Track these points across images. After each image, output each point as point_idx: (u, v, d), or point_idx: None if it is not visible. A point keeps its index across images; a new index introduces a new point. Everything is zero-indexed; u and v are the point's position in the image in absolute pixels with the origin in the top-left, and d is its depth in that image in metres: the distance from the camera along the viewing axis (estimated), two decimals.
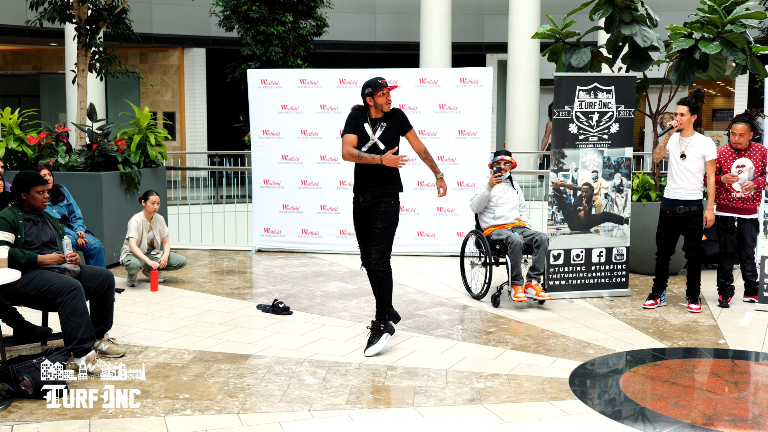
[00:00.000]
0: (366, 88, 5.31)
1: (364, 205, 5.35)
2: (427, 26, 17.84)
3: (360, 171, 5.36)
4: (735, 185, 6.52)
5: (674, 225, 6.46)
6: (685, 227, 6.43)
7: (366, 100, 5.31)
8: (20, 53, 21.00)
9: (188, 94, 20.64)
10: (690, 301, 6.53)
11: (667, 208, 6.47)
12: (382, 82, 5.27)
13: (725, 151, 6.63)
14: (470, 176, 8.74)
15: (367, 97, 5.30)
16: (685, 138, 6.36)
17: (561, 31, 7.58)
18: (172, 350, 5.33)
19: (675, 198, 6.41)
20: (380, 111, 5.32)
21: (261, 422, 4.10)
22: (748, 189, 6.48)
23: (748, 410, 4.37)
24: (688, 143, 6.34)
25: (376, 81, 5.29)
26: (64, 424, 4.06)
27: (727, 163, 6.59)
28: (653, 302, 6.61)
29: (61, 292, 4.76)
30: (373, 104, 5.30)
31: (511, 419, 4.17)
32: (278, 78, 9.25)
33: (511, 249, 6.49)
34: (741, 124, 6.52)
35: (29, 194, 5.02)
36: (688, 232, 6.44)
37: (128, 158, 8.51)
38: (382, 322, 5.31)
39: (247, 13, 15.88)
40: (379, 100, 5.27)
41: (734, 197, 6.56)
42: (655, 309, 6.57)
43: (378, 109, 5.30)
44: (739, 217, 6.60)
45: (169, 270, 7.65)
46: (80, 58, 11.27)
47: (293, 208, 9.28)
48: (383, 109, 5.30)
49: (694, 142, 6.33)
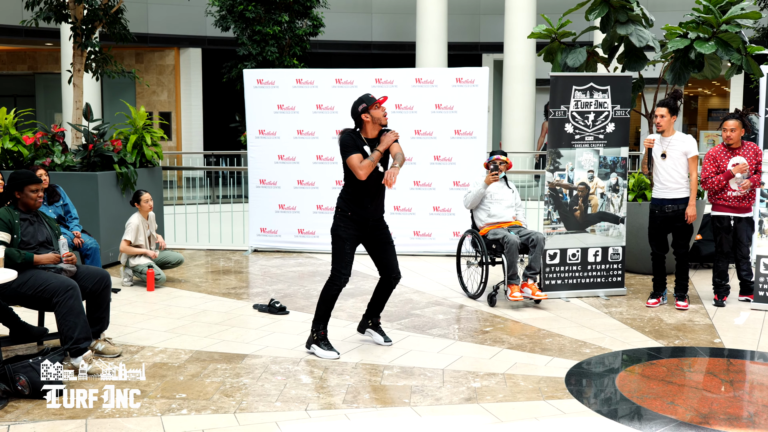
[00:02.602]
0: (359, 105, 5.16)
1: (372, 224, 5.26)
2: (423, 26, 17.85)
3: (363, 192, 5.16)
4: (732, 183, 6.54)
5: (664, 224, 6.55)
6: (674, 225, 6.52)
7: (361, 117, 5.16)
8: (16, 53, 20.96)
9: (184, 94, 20.62)
10: (678, 299, 6.62)
11: (656, 208, 6.57)
12: (372, 96, 5.19)
13: (720, 151, 6.66)
14: (466, 176, 8.75)
15: (362, 114, 5.15)
16: (666, 138, 6.49)
17: (557, 31, 7.59)
18: (169, 350, 5.33)
19: (663, 197, 6.51)
20: (377, 127, 5.18)
21: (258, 422, 4.11)
22: (745, 187, 6.50)
23: (744, 409, 4.39)
24: (669, 143, 6.46)
25: (367, 96, 5.19)
26: (61, 423, 4.06)
27: (722, 161, 6.61)
28: (656, 300, 6.69)
29: (58, 291, 4.76)
30: (370, 119, 5.14)
31: (508, 418, 4.18)
32: (274, 78, 9.24)
33: (507, 248, 6.50)
34: (732, 120, 6.57)
35: (23, 193, 5.01)
36: (677, 230, 6.53)
37: (124, 158, 8.50)
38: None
39: (243, 13, 15.87)
40: (376, 114, 5.14)
41: (730, 196, 6.58)
42: (650, 308, 6.59)
43: (376, 123, 5.16)
44: (735, 216, 6.62)
45: (168, 268, 7.66)
46: (76, 58, 11.26)
47: (289, 207, 9.28)
48: (381, 122, 5.17)
49: (675, 140, 6.45)
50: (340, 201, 5.25)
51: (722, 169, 6.59)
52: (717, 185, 6.55)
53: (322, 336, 5.22)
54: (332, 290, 5.19)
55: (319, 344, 5.21)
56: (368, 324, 5.61)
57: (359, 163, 5.02)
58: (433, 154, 8.92)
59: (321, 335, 5.22)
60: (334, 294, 5.20)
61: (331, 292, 5.19)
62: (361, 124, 5.18)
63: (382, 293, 5.47)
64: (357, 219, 5.18)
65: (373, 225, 5.26)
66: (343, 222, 5.19)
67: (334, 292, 5.20)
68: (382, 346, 5.44)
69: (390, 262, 5.35)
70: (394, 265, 5.37)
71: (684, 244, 6.53)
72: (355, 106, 5.17)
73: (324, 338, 5.23)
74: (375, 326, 5.58)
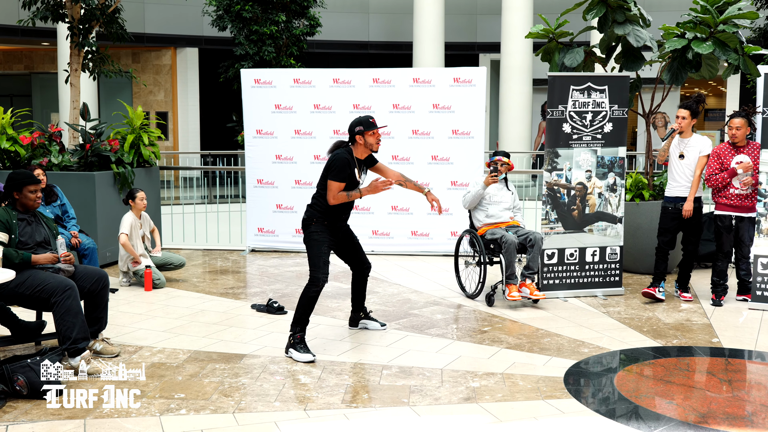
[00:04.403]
0: (357, 125, 5.22)
1: (343, 228, 5.50)
2: (420, 26, 17.86)
3: (341, 205, 5.31)
4: (734, 181, 6.57)
5: (676, 220, 6.74)
6: (687, 222, 6.73)
7: (356, 137, 5.24)
8: (12, 53, 20.92)
9: (181, 93, 20.61)
10: (682, 291, 6.86)
11: (669, 205, 6.77)
12: (373, 122, 5.23)
13: (724, 148, 6.69)
14: (464, 176, 8.75)
15: (357, 135, 5.22)
16: (684, 139, 6.71)
17: (554, 31, 7.60)
18: (167, 350, 5.33)
19: (677, 195, 6.73)
20: (367, 151, 5.30)
21: (256, 421, 4.10)
22: (746, 184, 6.52)
23: (742, 408, 4.40)
24: (687, 144, 6.69)
25: (367, 120, 5.23)
26: (59, 424, 4.05)
27: (726, 159, 6.63)
28: (652, 289, 6.82)
29: (56, 291, 4.75)
30: (363, 142, 5.24)
31: (506, 418, 4.18)
32: (272, 77, 9.24)
33: (505, 248, 6.50)
34: (738, 118, 6.60)
35: (22, 193, 5.01)
36: (689, 227, 6.75)
37: (121, 158, 8.49)
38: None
39: (240, 13, 15.87)
40: (370, 140, 5.23)
41: (732, 194, 6.59)
42: (648, 308, 6.60)
43: (367, 148, 5.27)
44: (737, 215, 6.64)
45: (170, 270, 7.65)
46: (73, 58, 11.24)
47: (287, 207, 9.27)
48: (373, 149, 5.27)
49: (693, 142, 6.69)
50: (314, 212, 5.33)
51: (726, 167, 6.60)
52: (721, 182, 6.57)
53: (299, 339, 5.17)
54: (311, 292, 5.19)
55: (296, 347, 5.14)
56: (360, 316, 5.86)
57: (337, 193, 5.20)
58: (431, 154, 8.92)
59: (297, 338, 5.17)
60: (313, 296, 5.21)
61: (310, 294, 5.20)
62: (354, 143, 5.30)
63: (361, 285, 5.76)
64: (332, 227, 5.35)
65: (344, 229, 5.53)
66: (320, 228, 5.31)
67: (313, 294, 5.20)
68: (381, 345, 5.44)
69: (361, 257, 5.65)
70: (365, 258, 5.68)
71: (694, 242, 6.76)
72: (353, 126, 5.26)
73: (301, 341, 5.16)
74: (366, 316, 5.88)
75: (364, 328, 5.85)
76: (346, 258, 5.65)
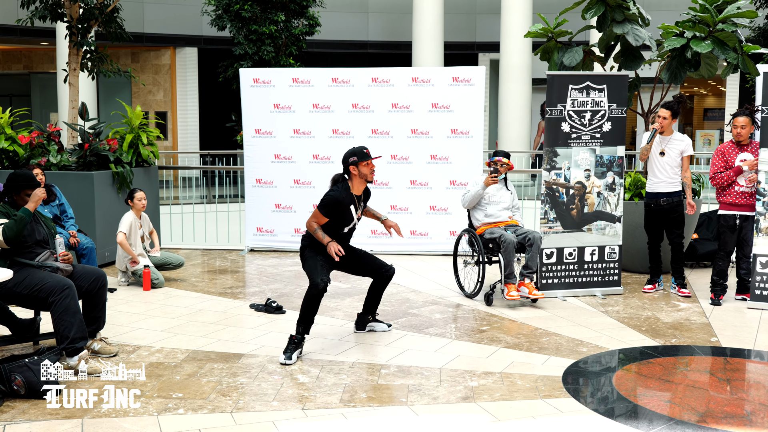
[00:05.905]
0: (350, 156, 5.17)
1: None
2: (419, 26, 17.85)
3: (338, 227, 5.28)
4: (740, 179, 6.57)
5: (659, 216, 6.95)
6: (668, 217, 6.92)
7: (349, 169, 5.20)
8: (11, 52, 20.91)
9: (180, 93, 20.60)
10: (679, 286, 6.99)
11: (651, 201, 6.97)
12: (367, 152, 5.18)
13: (728, 147, 6.69)
14: (463, 175, 8.74)
15: (351, 166, 5.18)
16: (665, 137, 6.88)
17: (553, 30, 7.60)
18: (165, 349, 5.32)
19: (657, 191, 6.92)
20: (362, 182, 5.25)
21: (254, 421, 4.10)
22: (752, 180, 6.52)
23: (741, 407, 4.39)
24: (668, 141, 6.87)
25: (361, 150, 5.18)
26: (57, 423, 4.05)
27: (731, 158, 6.63)
28: (652, 287, 7.10)
29: (54, 291, 4.74)
30: (357, 173, 5.19)
31: (505, 417, 4.17)
32: (271, 77, 9.23)
33: (504, 247, 6.50)
34: (742, 117, 6.61)
35: (18, 196, 5.00)
36: (671, 221, 6.93)
37: (120, 157, 8.48)
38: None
39: (239, 13, 15.86)
40: (364, 170, 5.18)
41: (737, 192, 6.59)
42: (647, 307, 6.60)
43: (362, 179, 5.22)
44: (741, 214, 6.63)
45: (168, 269, 7.65)
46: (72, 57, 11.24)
47: (286, 207, 9.26)
48: (367, 179, 5.22)
49: (674, 140, 6.88)
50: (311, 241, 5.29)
51: (730, 165, 6.60)
52: (726, 181, 6.57)
53: (296, 342, 5.07)
54: (311, 293, 5.11)
55: (288, 346, 5.06)
56: (368, 320, 5.79)
57: (314, 228, 5.17)
58: (430, 153, 8.92)
59: (295, 341, 5.07)
60: (315, 295, 5.10)
61: (310, 294, 5.11)
62: (349, 174, 5.25)
63: (378, 289, 5.64)
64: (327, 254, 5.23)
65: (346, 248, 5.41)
66: (316, 247, 5.27)
67: (314, 294, 5.10)
68: (379, 344, 5.43)
69: (375, 263, 5.53)
70: (381, 263, 5.54)
71: (679, 234, 6.93)
72: (347, 157, 5.22)
73: (296, 344, 5.07)
74: (374, 319, 5.84)
75: (371, 331, 5.79)
76: (359, 272, 5.58)
